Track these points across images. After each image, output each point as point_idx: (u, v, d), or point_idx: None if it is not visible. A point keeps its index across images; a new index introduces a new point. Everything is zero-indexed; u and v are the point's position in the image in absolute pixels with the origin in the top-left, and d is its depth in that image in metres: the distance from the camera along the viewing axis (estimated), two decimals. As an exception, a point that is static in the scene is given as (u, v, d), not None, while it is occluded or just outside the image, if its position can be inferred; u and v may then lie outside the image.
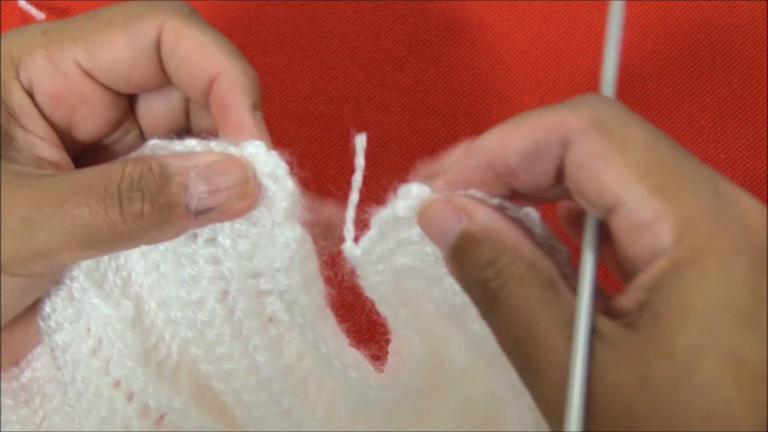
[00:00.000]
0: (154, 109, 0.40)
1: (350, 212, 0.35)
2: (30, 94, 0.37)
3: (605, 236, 0.33)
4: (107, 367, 0.40)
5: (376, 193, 0.41)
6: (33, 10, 0.62)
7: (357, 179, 0.35)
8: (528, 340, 0.30)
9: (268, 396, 0.41)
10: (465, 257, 0.33)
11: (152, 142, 0.37)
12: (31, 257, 0.34)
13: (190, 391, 0.41)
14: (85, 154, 0.40)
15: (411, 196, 0.35)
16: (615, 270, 0.35)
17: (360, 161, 0.37)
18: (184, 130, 0.41)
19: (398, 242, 0.37)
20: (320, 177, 0.57)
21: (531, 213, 0.34)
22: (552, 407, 0.30)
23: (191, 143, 0.37)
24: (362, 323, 0.41)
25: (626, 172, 0.29)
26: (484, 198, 0.34)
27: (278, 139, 0.40)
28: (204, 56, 0.36)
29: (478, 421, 0.42)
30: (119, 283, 0.40)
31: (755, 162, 0.58)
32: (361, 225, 0.39)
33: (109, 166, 0.34)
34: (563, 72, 0.61)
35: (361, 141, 0.37)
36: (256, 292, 0.39)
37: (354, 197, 0.35)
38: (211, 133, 0.39)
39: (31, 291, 0.37)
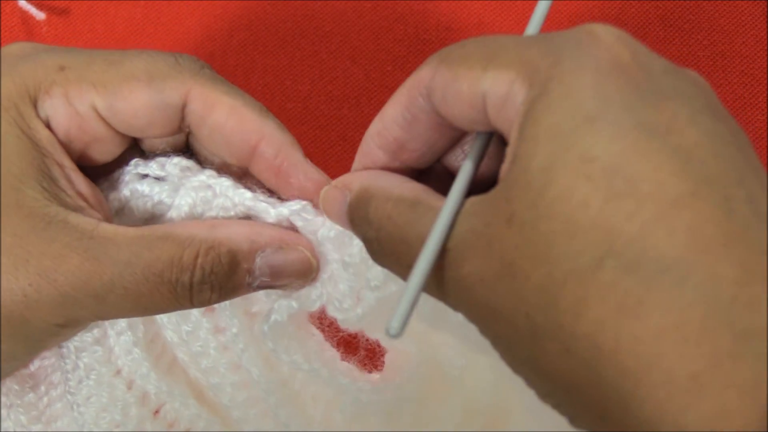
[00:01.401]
0: (156, 141, 0.39)
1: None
2: (50, 129, 0.36)
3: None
4: (110, 356, 0.40)
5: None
6: (33, 10, 0.62)
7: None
8: (411, 261, 0.30)
9: (257, 411, 0.41)
10: (354, 224, 0.34)
11: (178, 161, 0.38)
12: (96, 319, 0.37)
13: (186, 385, 0.42)
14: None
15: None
16: None
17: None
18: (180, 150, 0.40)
19: (358, 282, 0.37)
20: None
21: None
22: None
23: (239, 190, 0.37)
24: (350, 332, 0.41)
25: (473, 73, 0.30)
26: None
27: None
28: (241, 123, 0.36)
29: (479, 420, 0.42)
30: None
31: (755, 162, 0.58)
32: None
33: (179, 250, 0.35)
34: (563, 72, 0.61)
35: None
36: (245, 311, 0.40)
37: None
38: (212, 159, 0.39)
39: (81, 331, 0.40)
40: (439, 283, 0.31)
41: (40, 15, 0.62)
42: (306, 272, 0.37)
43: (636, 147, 0.26)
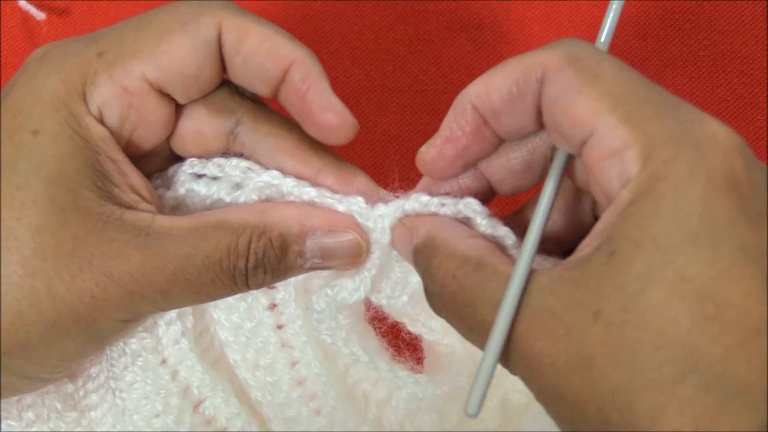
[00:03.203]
0: (184, 134, 0.40)
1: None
2: (102, 122, 0.37)
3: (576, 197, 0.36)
4: (157, 345, 0.41)
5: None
6: (33, 10, 0.62)
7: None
8: (477, 326, 0.32)
9: (309, 409, 0.41)
10: (418, 268, 0.36)
11: (237, 162, 0.39)
12: (160, 312, 0.39)
13: (230, 383, 0.42)
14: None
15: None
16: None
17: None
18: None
19: (405, 268, 0.39)
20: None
21: (471, 203, 0.36)
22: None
23: (304, 189, 0.38)
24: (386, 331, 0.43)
25: (598, 104, 0.31)
26: (432, 202, 0.37)
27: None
28: (273, 48, 0.37)
29: (516, 420, 0.43)
30: None
31: (755, 162, 0.58)
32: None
33: (234, 237, 0.36)
34: (563, 72, 0.61)
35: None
36: (306, 305, 0.41)
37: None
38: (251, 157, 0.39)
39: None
40: (504, 353, 0.31)
41: (40, 15, 0.62)
42: (356, 254, 0.38)
43: (731, 273, 0.28)
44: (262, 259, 0.36)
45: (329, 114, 0.37)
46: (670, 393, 0.27)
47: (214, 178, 0.39)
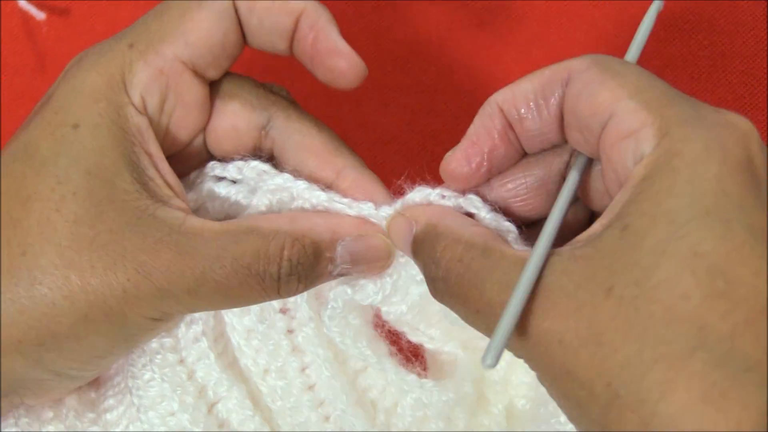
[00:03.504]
0: (219, 129, 0.41)
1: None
2: (144, 111, 0.38)
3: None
4: (176, 344, 0.41)
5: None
6: (33, 10, 0.62)
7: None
8: (484, 307, 0.32)
9: (318, 415, 0.42)
10: (418, 255, 0.36)
11: (256, 165, 0.39)
12: (188, 312, 0.39)
13: (245, 387, 0.42)
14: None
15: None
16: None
17: None
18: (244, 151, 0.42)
19: (407, 276, 0.39)
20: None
21: (473, 199, 0.37)
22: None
23: (314, 192, 0.39)
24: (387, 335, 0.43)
25: (619, 91, 0.33)
26: (434, 195, 0.38)
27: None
28: (283, 3, 0.39)
29: (520, 425, 0.43)
30: None
31: (755, 162, 0.58)
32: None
33: (264, 243, 0.36)
34: (563, 72, 0.61)
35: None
36: (317, 311, 0.41)
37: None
38: (295, 173, 0.40)
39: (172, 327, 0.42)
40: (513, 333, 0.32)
41: (40, 15, 0.62)
42: (385, 257, 0.39)
43: (742, 251, 0.28)
44: (296, 266, 0.37)
45: (336, 57, 0.39)
46: (680, 367, 0.27)
47: (234, 182, 0.40)
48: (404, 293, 0.40)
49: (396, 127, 0.59)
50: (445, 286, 0.34)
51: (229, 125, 0.40)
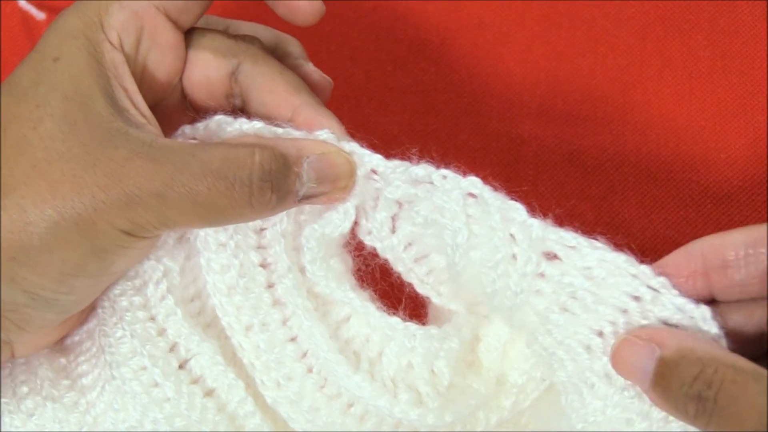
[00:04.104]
0: (193, 78, 0.43)
1: None
2: (120, 50, 0.40)
3: None
4: (147, 303, 0.42)
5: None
6: (33, 10, 0.62)
7: None
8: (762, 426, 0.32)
9: (313, 382, 0.42)
10: (670, 380, 0.35)
11: (218, 118, 0.41)
12: (159, 226, 0.37)
13: (218, 346, 0.42)
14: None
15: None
16: None
17: None
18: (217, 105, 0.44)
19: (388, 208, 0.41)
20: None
21: (706, 312, 0.36)
22: None
23: (271, 128, 0.40)
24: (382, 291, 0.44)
25: None
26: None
27: (278, 139, 0.41)
28: None
29: (509, 401, 0.43)
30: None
31: (755, 162, 0.58)
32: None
33: (233, 149, 0.37)
34: (563, 72, 0.61)
35: None
36: (299, 267, 0.42)
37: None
38: (259, 113, 0.42)
39: (144, 253, 0.42)
40: None
41: (40, 15, 0.62)
42: (348, 175, 0.40)
43: None
44: (268, 172, 0.37)
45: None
46: None
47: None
48: (390, 225, 0.41)
49: (396, 127, 0.59)
50: (715, 409, 0.34)
51: (202, 74, 0.42)
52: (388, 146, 0.60)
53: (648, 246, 0.56)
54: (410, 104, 0.60)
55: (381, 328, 0.42)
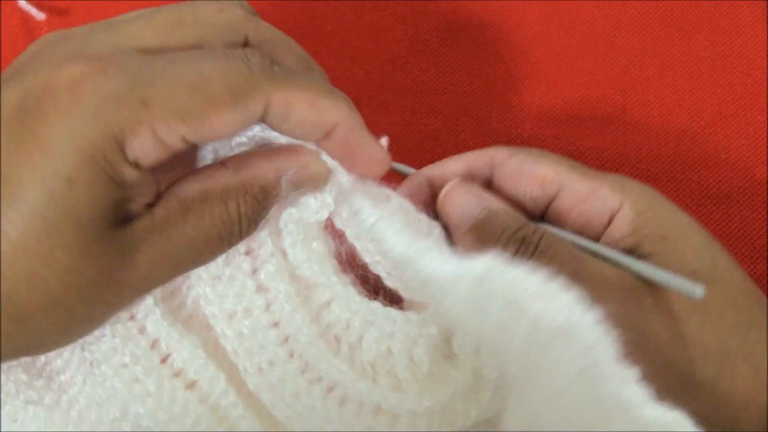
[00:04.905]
0: None
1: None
2: (135, 169, 0.36)
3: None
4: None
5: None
6: (33, 11, 0.62)
7: None
8: (583, 270, 0.39)
9: (294, 367, 0.42)
10: (492, 226, 0.41)
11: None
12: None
13: (199, 339, 0.43)
14: None
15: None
16: None
17: None
18: None
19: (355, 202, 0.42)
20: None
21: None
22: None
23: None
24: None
25: (558, 167, 0.43)
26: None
27: (278, 139, 0.41)
28: (319, 115, 0.39)
29: (486, 394, 0.43)
30: None
31: (755, 162, 0.58)
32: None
33: (225, 208, 0.38)
34: (563, 72, 0.61)
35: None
36: (281, 250, 0.43)
37: None
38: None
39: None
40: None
41: (40, 15, 0.62)
42: (325, 180, 0.41)
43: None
44: (252, 216, 0.39)
45: (373, 165, 0.41)
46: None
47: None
48: (358, 220, 0.41)
49: (396, 127, 0.59)
50: (538, 249, 0.40)
51: (229, 127, 0.39)
52: (388, 146, 0.60)
53: (648, 246, 0.56)
54: (410, 104, 0.60)
55: (362, 313, 0.42)
